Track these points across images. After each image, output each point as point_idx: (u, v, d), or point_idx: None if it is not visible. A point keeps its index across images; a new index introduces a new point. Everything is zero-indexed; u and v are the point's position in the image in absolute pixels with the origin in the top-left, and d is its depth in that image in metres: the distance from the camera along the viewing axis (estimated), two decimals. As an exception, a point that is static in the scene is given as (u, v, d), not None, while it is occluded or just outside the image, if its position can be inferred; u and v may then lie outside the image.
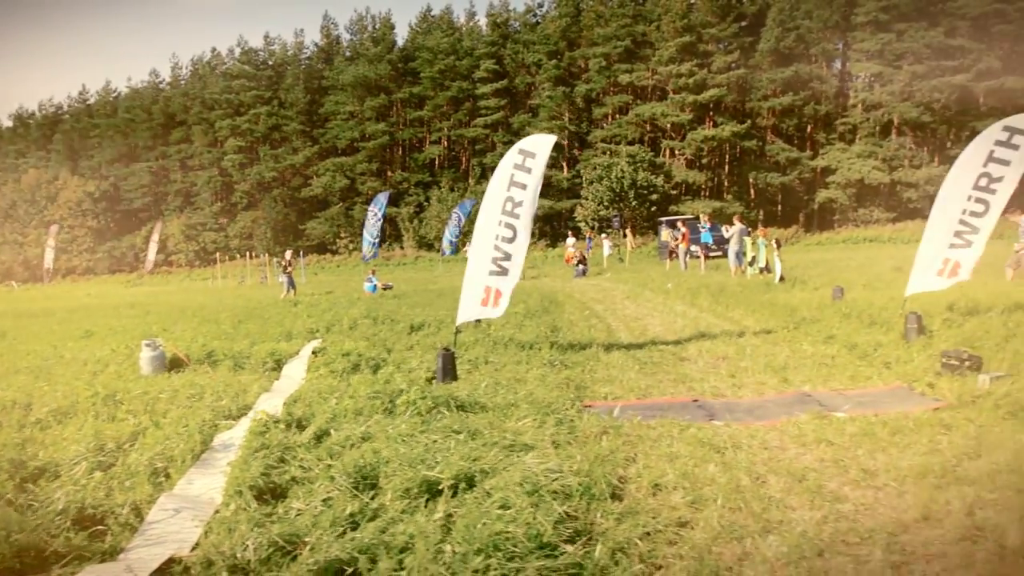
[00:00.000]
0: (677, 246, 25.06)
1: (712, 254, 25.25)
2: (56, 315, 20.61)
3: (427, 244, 48.92)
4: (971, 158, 10.00)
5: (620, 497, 4.36)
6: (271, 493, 4.26)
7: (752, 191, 47.23)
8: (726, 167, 47.69)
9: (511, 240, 9.31)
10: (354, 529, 3.58)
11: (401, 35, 65.80)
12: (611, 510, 4.00)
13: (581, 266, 26.90)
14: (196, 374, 8.76)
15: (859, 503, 4.25)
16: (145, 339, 9.48)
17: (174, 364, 9.34)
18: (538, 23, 54.13)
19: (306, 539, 3.36)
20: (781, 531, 3.77)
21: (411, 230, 49.58)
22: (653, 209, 39.69)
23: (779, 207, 47.56)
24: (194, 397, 7.10)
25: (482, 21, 56.54)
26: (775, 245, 17.26)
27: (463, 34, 55.06)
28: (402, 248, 50.02)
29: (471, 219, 46.07)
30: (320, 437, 5.33)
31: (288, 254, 24.41)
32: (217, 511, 4.05)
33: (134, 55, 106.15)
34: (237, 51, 60.88)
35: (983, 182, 9.90)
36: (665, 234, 29.81)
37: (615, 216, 34.67)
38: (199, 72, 63.19)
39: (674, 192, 44.45)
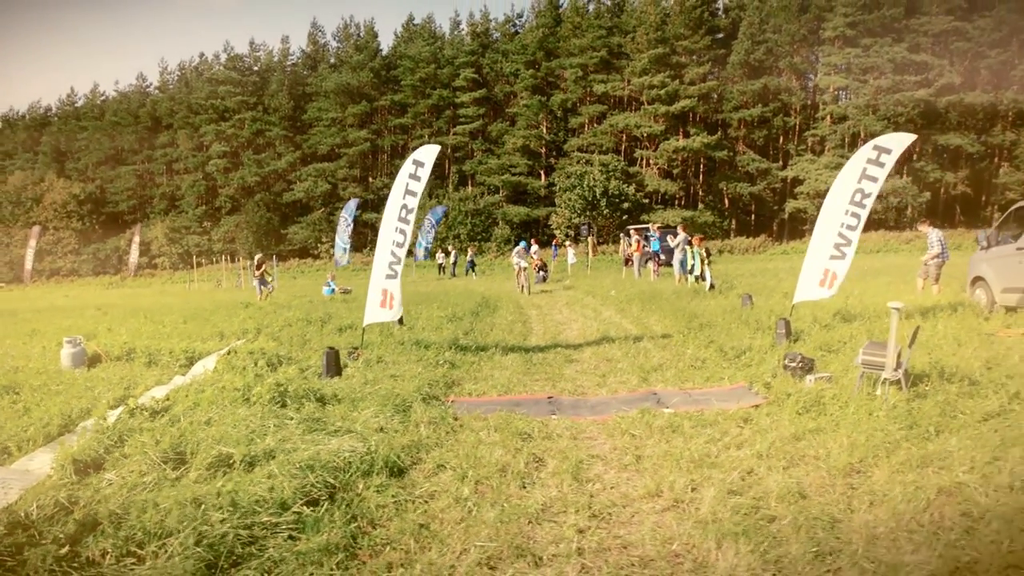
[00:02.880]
0: (632, 254, 25.72)
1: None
2: (19, 315, 21.17)
3: (409, 249, 49.47)
4: (848, 175, 10.69)
5: (402, 473, 4.99)
6: (95, 466, 4.86)
7: (726, 201, 47.97)
8: (700, 177, 48.43)
9: (402, 245, 9.99)
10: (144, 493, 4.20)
11: (387, 43, 66.69)
12: (377, 483, 4.61)
13: (542, 272, 27.52)
14: (108, 369, 9.36)
15: (607, 483, 4.89)
16: (67, 337, 10.09)
17: (94, 360, 9.94)
18: (517, 33, 54.95)
19: (81, 501, 3.96)
20: (510, 503, 4.38)
21: (390, 235, 50.08)
22: (624, 217, 40.37)
23: (752, 216, 48.31)
24: (88, 388, 7.70)
25: (466, 30, 57.36)
26: (706, 255, 17.91)
27: (444, 43, 55.81)
28: (382, 253, 50.51)
29: (447, 225, 46.89)
30: (172, 423, 5.93)
31: (258, 257, 24.67)
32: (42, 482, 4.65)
33: (122, 57, 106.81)
34: (223, 56, 61.68)
35: (857, 197, 10.60)
36: (623, 243, 30.50)
37: (583, 224, 35.35)
38: (186, 76, 63.84)
39: (646, 201, 45.14)
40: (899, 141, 10.65)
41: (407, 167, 10.10)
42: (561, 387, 8.26)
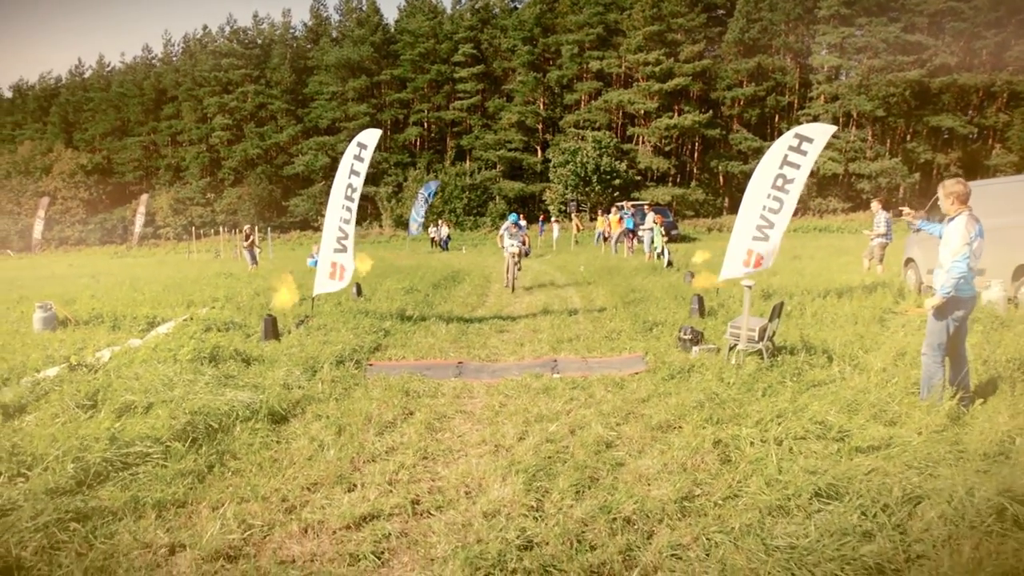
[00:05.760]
0: (609, 231, 26.40)
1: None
2: (16, 282, 22.16)
3: (404, 223, 50.23)
4: (770, 160, 11.27)
5: (284, 421, 5.80)
6: (20, 410, 5.70)
7: (721, 178, 48.28)
8: (695, 155, 48.72)
9: (348, 221, 10.70)
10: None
11: (390, 16, 66.72)
12: (254, 427, 5.42)
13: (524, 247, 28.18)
14: (74, 332, 10.22)
15: (455, 433, 5.69)
16: (39, 302, 10.97)
17: (63, 324, 10.81)
18: (516, 9, 55.06)
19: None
20: (357, 445, 5.18)
21: (389, 209, 50.91)
22: (616, 194, 40.89)
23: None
24: (44, 348, 8.55)
25: (466, 5, 57.45)
26: (664, 232, 18.57)
27: (444, 18, 56.04)
28: (380, 226, 51.38)
29: (443, 199, 47.57)
30: (103, 377, 6.76)
31: (246, 228, 25.17)
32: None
33: (129, 30, 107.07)
34: (227, 29, 62.16)
35: (779, 182, 11.17)
36: (600, 220, 31.15)
37: (572, 201, 35.96)
38: (190, 49, 64.37)
39: (638, 178, 45.53)
40: (821, 131, 11.17)
41: (351, 149, 10.78)
42: (476, 354, 9.04)
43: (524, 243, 16.65)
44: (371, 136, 10.71)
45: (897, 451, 4.60)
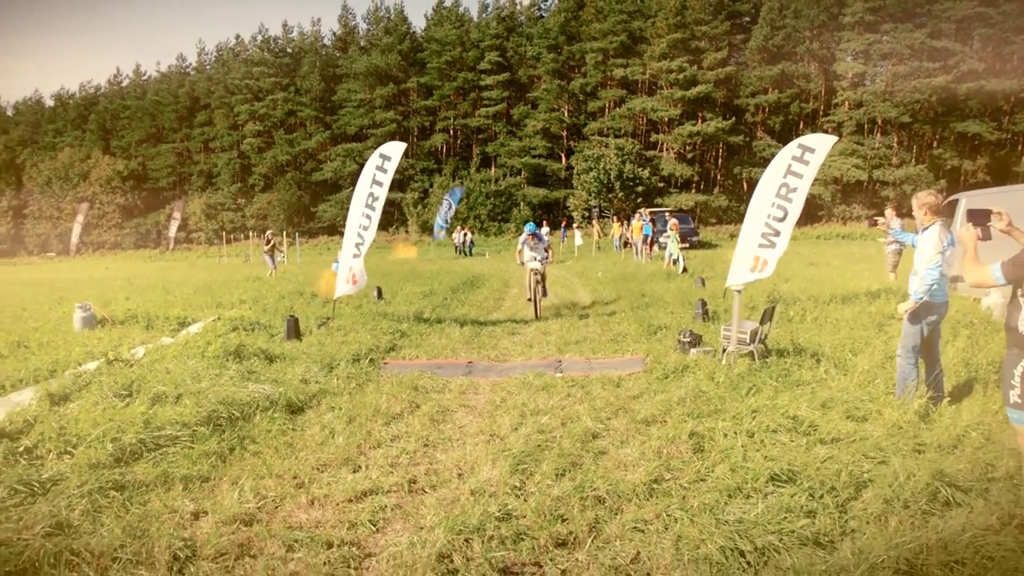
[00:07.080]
0: (633, 238, 26.75)
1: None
2: (56, 284, 23.20)
3: (430, 228, 50.97)
4: (774, 170, 11.58)
5: (300, 411, 6.34)
6: (64, 398, 6.30)
7: (744, 185, 48.27)
8: (718, 161, 48.80)
9: (367, 228, 11.25)
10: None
11: (419, 25, 67.76)
12: (273, 416, 5.95)
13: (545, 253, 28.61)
14: (110, 331, 10.91)
15: (457, 424, 6.17)
16: (78, 303, 11.69)
17: (101, 323, 11.52)
18: (541, 17, 55.66)
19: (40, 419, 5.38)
20: (365, 433, 5.68)
21: (415, 215, 51.70)
22: (639, 201, 41.19)
23: (772, 202, 48.44)
24: (83, 345, 9.21)
25: (492, 13, 58.14)
26: (679, 239, 18.91)
27: (471, 26, 56.83)
28: (407, 232, 52.19)
29: (468, 205, 48.24)
30: (138, 370, 7.36)
31: (268, 234, 25.84)
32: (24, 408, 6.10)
33: (164, 39, 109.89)
34: (258, 38, 63.58)
35: (783, 191, 11.44)
36: (617, 226, 31.48)
37: (594, 207, 36.37)
38: (223, 58, 65.91)
39: (661, 185, 45.76)
40: (822, 141, 11.45)
41: (374, 159, 11.30)
42: (486, 354, 9.51)
43: (547, 256, 13.88)
44: (395, 149, 11.22)
45: (857, 443, 4.97)
